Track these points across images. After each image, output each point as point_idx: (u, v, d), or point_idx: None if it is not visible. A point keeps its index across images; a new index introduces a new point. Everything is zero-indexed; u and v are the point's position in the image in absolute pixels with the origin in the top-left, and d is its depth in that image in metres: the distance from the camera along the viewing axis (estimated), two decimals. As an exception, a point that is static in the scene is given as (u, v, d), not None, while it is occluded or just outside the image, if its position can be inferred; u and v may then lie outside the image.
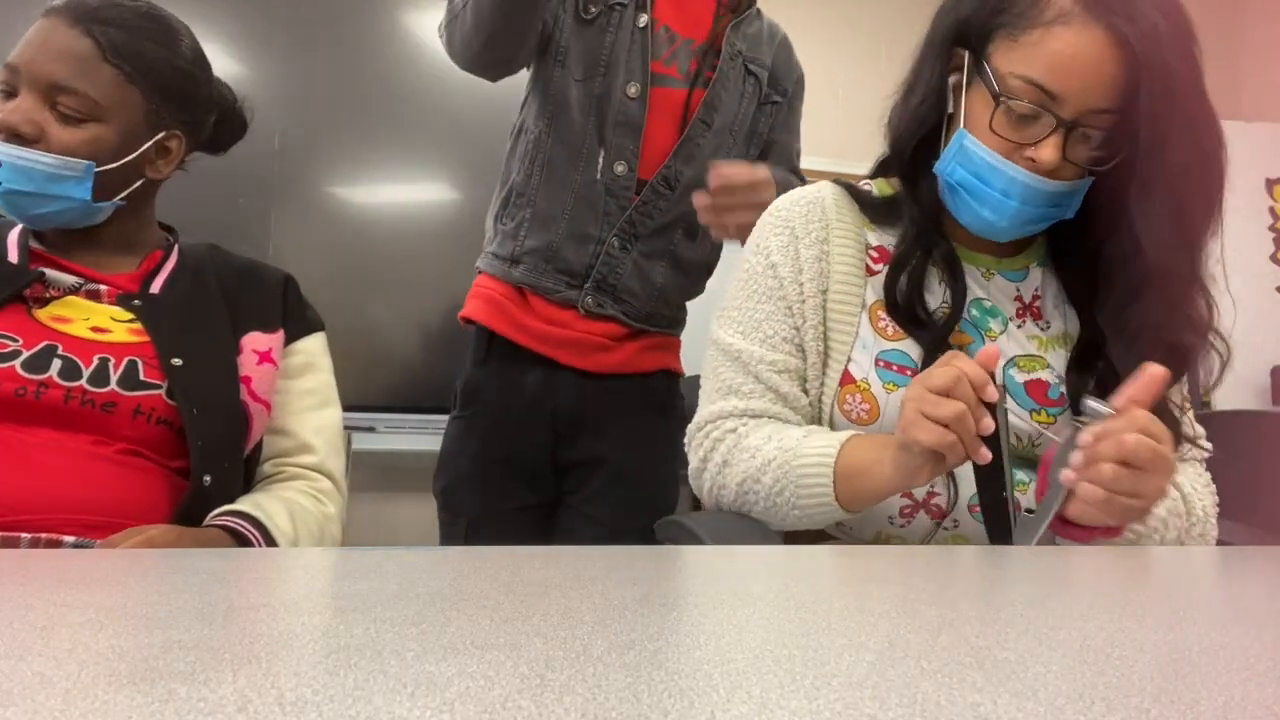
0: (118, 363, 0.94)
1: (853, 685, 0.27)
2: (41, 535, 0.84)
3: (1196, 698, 0.26)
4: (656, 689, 0.26)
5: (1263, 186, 3.71)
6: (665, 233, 1.46)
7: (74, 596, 0.39)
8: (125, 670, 0.27)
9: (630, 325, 1.47)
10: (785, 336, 1.02)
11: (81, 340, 0.94)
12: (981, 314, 1.02)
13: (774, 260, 1.04)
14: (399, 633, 0.33)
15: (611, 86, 1.40)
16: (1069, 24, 0.87)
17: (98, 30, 0.98)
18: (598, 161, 1.41)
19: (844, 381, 0.99)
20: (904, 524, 0.97)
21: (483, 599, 0.40)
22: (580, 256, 1.42)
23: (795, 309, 1.03)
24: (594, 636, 0.33)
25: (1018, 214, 0.94)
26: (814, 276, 1.03)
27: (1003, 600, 0.46)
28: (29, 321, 0.94)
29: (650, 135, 1.41)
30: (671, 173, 1.42)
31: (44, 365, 0.90)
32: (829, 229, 1.04)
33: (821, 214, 1.05)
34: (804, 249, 1.04)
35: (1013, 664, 0.30)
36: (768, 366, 1.02)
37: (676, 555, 0.63)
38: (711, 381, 1.06)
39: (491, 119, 2.52)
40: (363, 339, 2.41)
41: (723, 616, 0.37)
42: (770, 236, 1.06)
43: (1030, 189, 0.93)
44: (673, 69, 1.43)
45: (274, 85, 2.44)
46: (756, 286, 1.05)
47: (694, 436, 1.05)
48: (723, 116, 1.46)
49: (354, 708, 0.23)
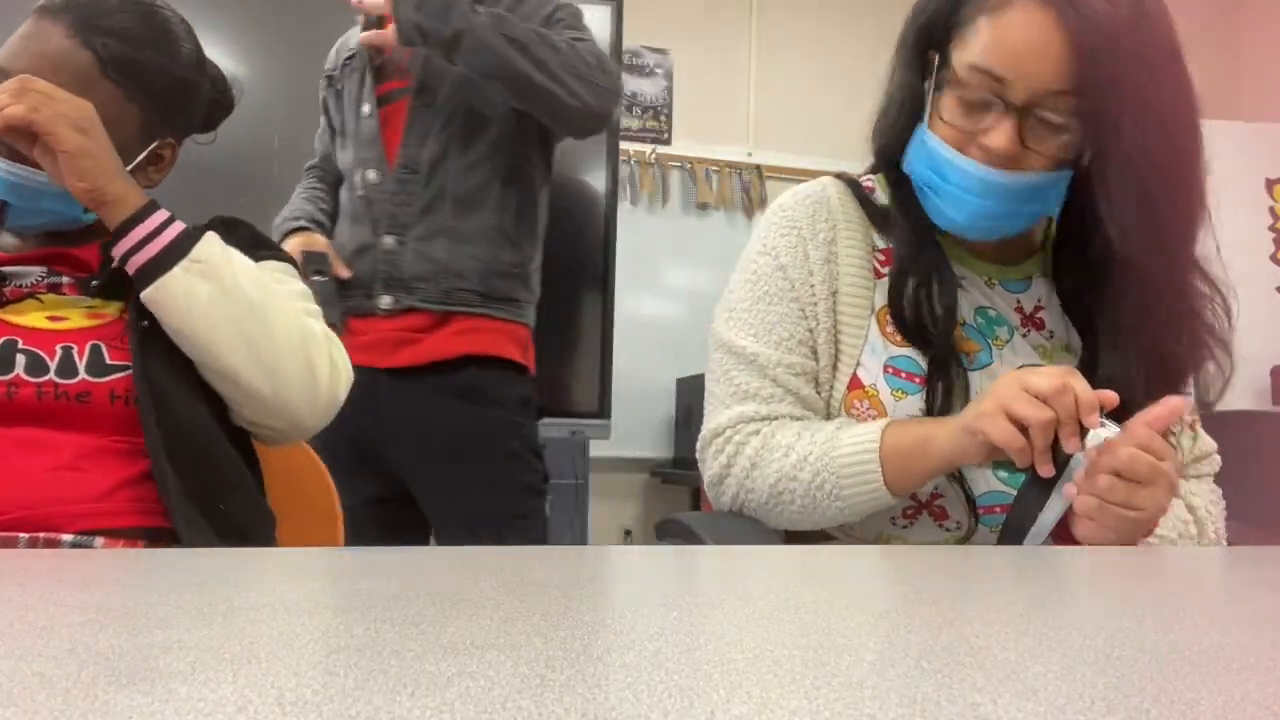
0: (81, 349, 0.91)
1: (853, 685, 0.27)
2: (40, 534, 0.84)
3: (1196, 698, 0.26)
4: (656, 689, 0.26)
5: (1263, 186, 3.71)
6: (432, 212, 1.55)
7: (74, 596, 0.39)
8: (125, 670, 0.27)
9: (433, 309, 1.54)
10: (800, 339, 1.00)
11: (41, 331, 0.92)
12: (987, 322, 1.01)
13: (783, 261, 1.02)
14: (399, 633, 0.33)
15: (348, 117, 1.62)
16: (1011, 6, 0.87)
17: (97, 41, 0.94)
18: (355, 179, 1.59)
19: (852, 386, 0.98)
20: (906, 525, 0.96)
21: (483, 599, 0.40)
22: (367, 265, 1.55)
23: (809, 310, 1.01)
24: (594, 636, 0.33)
25: (978, 209, 0.92)
26: (824, 279, 1.01)
27: (1003, 600, 0.46)
28: None
29: (387, 136, 1.57)
30: (406, 157, 1.54)
31: (8, 363, 0.89)
32: (836, 229, 1.03)
33: (828, 214, 1.03)
34: (812, 250, 1.01)
35: (1013, 664, 0.30)
36: (785, 369, 0.99)
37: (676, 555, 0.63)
38: (724, 386, 1.03)
39: (491, 119, 2.53)
40: (363, 339, 2.41)
41: (723, 616, 0.37)
42: (777, 237, 1.04)
43: (987, 182, 0.90)
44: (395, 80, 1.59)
45: (274, 85, 2.44)
46: (767, 288, 1.02)
47: (710, 444, 1.02)
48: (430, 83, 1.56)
49: (354, 708, 0.23)
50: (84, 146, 0.86)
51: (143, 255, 0.89)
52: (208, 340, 0.90)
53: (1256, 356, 3.29)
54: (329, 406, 0.98)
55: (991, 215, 0.93)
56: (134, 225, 0.89)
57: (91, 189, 0.87)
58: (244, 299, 0.91)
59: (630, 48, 4.13)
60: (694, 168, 4.25)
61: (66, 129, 0.85)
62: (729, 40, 4.39)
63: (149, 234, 0.89)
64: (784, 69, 4.45)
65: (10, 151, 0.93)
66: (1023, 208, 0.94)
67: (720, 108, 4.34)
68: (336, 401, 0.98)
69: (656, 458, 4.11)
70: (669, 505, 4.04)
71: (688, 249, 4.23)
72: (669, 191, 4.23)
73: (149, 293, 0.89)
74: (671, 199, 4.24)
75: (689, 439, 4.37)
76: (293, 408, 0.95)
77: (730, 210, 4.30)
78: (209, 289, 0.89)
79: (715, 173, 4.28)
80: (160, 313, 0.90)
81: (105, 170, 0.88)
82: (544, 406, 1.91)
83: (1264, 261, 3.65)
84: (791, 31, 4.45)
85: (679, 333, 4.18)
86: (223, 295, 0.90)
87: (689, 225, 4.25)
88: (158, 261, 0.89)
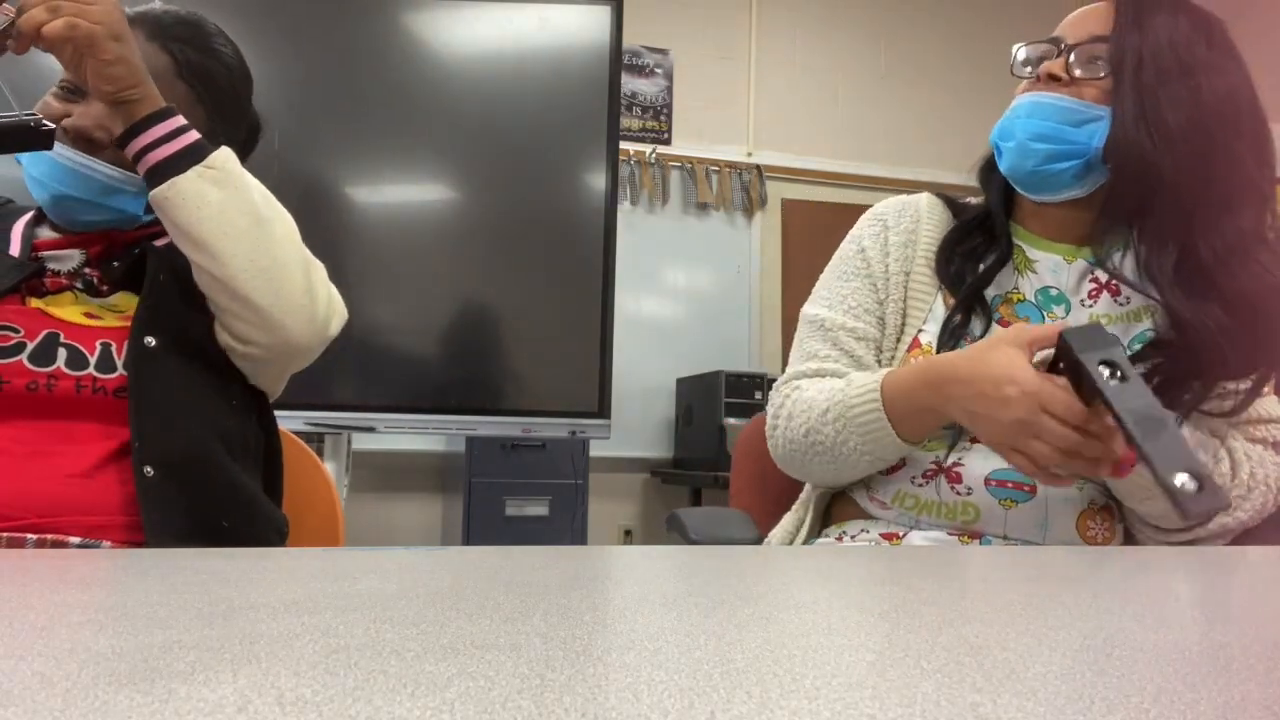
0: (119, 346, 0.93)
1: (853, 685, 0.27)
2: (47, 536, 0.84)
3: (1196, 698, 0.26)
4: (656, 689, 0.26)
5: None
6: None
7: (74, 596, 0.39)
8: (125, 670, 0.27)
9: None
10: (868, 308, 1.11)
11: (80, 326, 0.93)
12: (1046, 300, 1.07)
13: (864, 245, 1.14)
14: (399, 633, 0.33)
15: None
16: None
17: (175, 47, 0.99)
18: None
19: (912, 347, 1.06)
20: (923, 483, 1.02)
21: (483, 599, 0.40)
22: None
23: (880, 284, 1.11)
24: (594, 636, 0.33)
25: (1024, 128, 1.02)
26: (899, 259, 1.12)
27: (1003, 600, 0.46)
28: (25, 310, 0.93)
29: None
30: None
31: (49, 356, 0.90)
32: (919, 224, 1.14)
33: (914, 213, 1.15)
34: (893, 236, 1.13)
35: (1013, 664, 0.30)
36: (847, 333, 1.10)
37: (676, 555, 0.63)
38: (795, 351, 1.14)
39: (492, 119, 2.53)
40: (362, 339, 2.41)
41: (722, 616, 0.37)
42: (864, 229, 1.16)
43: (1031, 103, 1.03)
44: None
45: (274, 85, 2.44)
46: (846, 268, 1.14)
47: (771, 400, 1.13)
48: None
49: (354, 708, 0.23)
50: (121, 54, 0.87)
51: (158, 154, 0.90)
52: (213, 245, 0.90)
53: (1256, 356, 3.29)
54: (322, 333, 0.97)
55: (1041, 135, 1.01)
56: (154, 123, 0.90)
57: (119, 91, 0.88)
58: (253, 209, 0.92)
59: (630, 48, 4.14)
60: (694, 168, 4.25)
61: (105, 38, 0.86)
62: (729, 40, 4.39)
63: (168, 134, 0.90)
64: (784, 69, 4.44)
65: (81, 143, 0.95)
66: (1062, 128, 1.01)
67: (720, 108, 4.34)
68: (329, 332, 0.98)
69: (656, 458, 4.11)
70: (669, 505, 4.04)
71: (688, 249, 4.24)
72: (669, 191, 4.23)
73: (159, 190, 0.89)
74: (671, 199, 4.24)
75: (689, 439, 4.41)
76: (288, 324, 0.94)
77: (730, 210, 4.30)
78: (220, 195, 0.90)
79: (715, 173, 4.28)
80: (169, 212, 0.90)
81: (135, 72, 0.89)
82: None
83: (1264, 261, 3.65)
84: (791, 32, 4.45)
85: (679, 333, 4.18)
86: (233, 202, 0.91)
87: (689, 225, 4.25)
88: (172, 161, 0.90)
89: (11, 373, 0.88)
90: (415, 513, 3.89)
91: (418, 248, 2.54)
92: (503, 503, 3.38)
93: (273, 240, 0.93)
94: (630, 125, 4.14)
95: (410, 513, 3.89)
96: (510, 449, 3.38)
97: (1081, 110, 1.00)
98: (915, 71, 4.50)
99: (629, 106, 4.15)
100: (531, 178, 2.55)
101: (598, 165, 2.55)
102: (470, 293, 2.52)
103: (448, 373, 2.52)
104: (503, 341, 2.56)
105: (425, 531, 3.89)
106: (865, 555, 0.70)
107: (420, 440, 3.74)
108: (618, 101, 2.60)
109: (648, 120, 4.22)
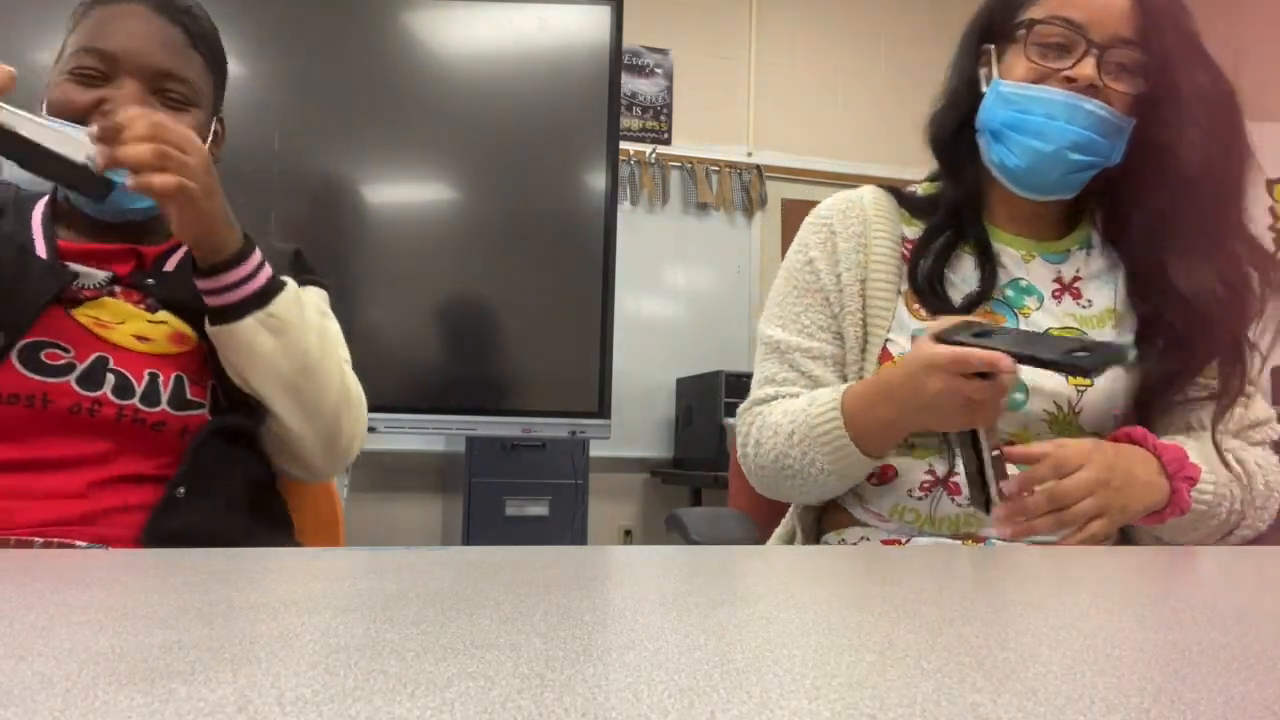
0: (166, 379, 0.92)
1: (853, 685, 0.27)
2: (54, 539, 0.84)
3: (1196, 698, 0.26)
4: (656, 689, 0.26)
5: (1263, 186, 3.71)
6: None
7: (74, 596, 0.39)
8: (125, 670, 0.27)
9: None
10: (822, 325, 1.08)
11: (130, 353, 0.91)
12: (1017, 293, 1.06)
13: (812, 256, 1.10)
14: (399, 633, 0.33)
15: None
16: None
17: (184, 19, 0.99)
18: None
19: (882, 359, 1.04)
20: (922, 496, 1.01)
21: (483, 599, 0.40)
22: None
23: (833, 298, 1.08)
24: (594, 636, 0.33)
25: (1062, 134, 0.97)
26: (851, 267, 1.07)
27: (1003, 600, 0.46)
28: (71, 325, 0.90)
29: None
30: None
31: (97, 381, 0.89)
32: (867, 224, 1.09)
33: (860, 212, 1.10)
34: (841, 243, 1.09)
35: (1013, 664, 0.30)
36: (803, 354, 1.07)
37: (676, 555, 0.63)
38: (755, 375, 1.13)
39: (492, 119, 2.53)
40: (363, 339, 2.41)
41: (723, 616, 0.37)
42: (809, 236, 1.12)
43: (1073, 107, 0.97)
44: None
45: (274, 85, 2.44)
46: (796, 283, 1.11)
47: (737, 428, 1.12)
48: None
49: (354, 708, 0.23)
50: (213, 208, 0.87)
51: (227, 297, 0.90)
52: (260, 389, 0.93)
53: (1256, 356, 3.29)
54: (341, 463, 1.03)
55: (1077, 144, 0.98)
56: (233, 266, 0.89)
57: (199, 237, 0.88)
58: (303, 357, 0.94)
59: (630, 48, 4.14)
60: (694, 168, 4.24)
61: (205, 196, 0.85)
62: (729, 40, 4.39)
63: (242, 278, 0.90)
64: (784, 69, 4.45)
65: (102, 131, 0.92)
66: (1098, 143, 0.98)
67: (720, 108, 4.34)
68: (348, 459, 1.03)
69: (656, 458, 4.11)
70: (669, 505, 4.04)
71: (688, 249, 4.24)
72: (669, 191, 4.23)
73: (216, 330, 0.91)
74: (671, 199, 4.24)
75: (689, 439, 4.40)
76: (317, 464, 1.00)
77: (730, 210, 4.30)
78: (273, 343, 0.91)
79: (715, 173, 4.28)
80: (221, 347, 0.92)
81: (218, 218, 0.88)
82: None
83: (1264, 261, 3.65)
84: (791, 32, 4.45)
85: (679, 333, 4.18)
86: (284, 352, 0.92)
87: (689, 225, 4.25)
88: (235, 308, 0.90)
89: (58, 393, 0.87)
90: (415, 513, 3.89)
91: (418, 248, 2.54)
92: (503, 503, 3.38)
93: (319, 389, 0.95)
94: (630, 125, 4.14)
95: (410, 513, 3.89)
96: (510, 449, 3.37)
97: (1115, 121, 0.99)
98: (915, 71, 4.49)
99: (629, 106, 4.15)
100: (531, 178, 2.55)
101: (598, 165, 2.55)
102: (470, 293, 2.52)
103: (448, 373, 2.52)
104: (503, 341, 2.56)
105: (425, 531, 3.89)
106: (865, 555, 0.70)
107: (420, 440, 3.73)
108: (618, 101, 2.59)
109: (648, 120, 4.22)
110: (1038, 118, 0.98)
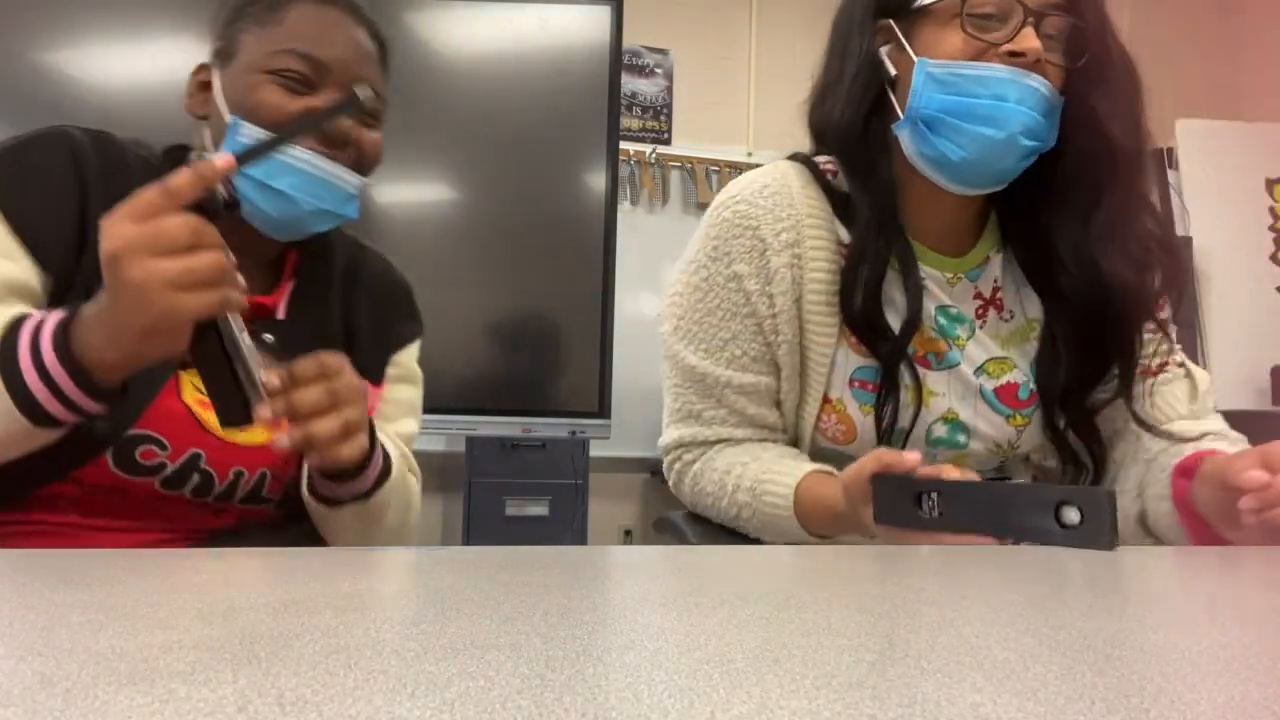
0: (249, 478, 0.88)
1: (853, 685, 0.27)
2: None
3: (1196, 698, 0.26)
4: (656, 689, 0.26)
5: (1263, 186, 3.71)
6: None
7: (74, 596, 0.39)
8: (125, 670, 0.27)
9: None
10: (755, 355, 0.95)
11: (224, 446, 0.86)
12: (949, 321, 0.99)
13: (737, 270, 0.94)
14: (399, 633, 0.33)
15: None
16: None
17: (376, 29, 0.94)
18: None
19: (823, 405, 0.95)
20: None
21: (483, 599, 0.40)
22: None
23: (766, 325, 0.94)
24: (594, 636, 0.33)
25: (1014, 118, 0.85)
26: (786, 288, 0.93)
27: (1003, 600, 0.46)
28: (175, 407, 0.84)
29: None
30: None
31: (182, 482, 0.85)
32: (800, 227, 0.94)
33: (790, 208, 0.94)
34: (774, 257, 0.93)
35: (1013, 664, 0.30)
36: (735, 391, 0.96)
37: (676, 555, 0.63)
38: (672, 401, 1.01)
39: (493, 120, 2.53)
40: (363, 339, 2.42)
41: (723, 616, 0.37)
42: (732, 239, 0.95)
43: (1022, 86, 0.85)
44: None
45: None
46: (719, 301, 0.95)
47: (665, 466, 1.07)
48: None
49: (354, 708, 0.23)
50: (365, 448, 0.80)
51: (338, 492, 0.85)
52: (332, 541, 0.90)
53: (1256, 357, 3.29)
54: None
55: (1027, 128, 0.86)
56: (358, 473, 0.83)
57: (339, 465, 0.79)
58: (380, 535, 0.90)
59: (630, 48, 4.14)
60: (694, 168, 4.24)
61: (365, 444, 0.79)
62: (729, 40, 4.39)
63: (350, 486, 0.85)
64: (784, 69, 4.44)
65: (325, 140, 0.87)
66: (1043, 122, 0.88)
67: (720, 108, 4.34)
68: None
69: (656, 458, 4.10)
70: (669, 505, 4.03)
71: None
72: (669, 191, 4.23)
73: (314, 506, 0.87)
74: (671, 199, 4.24)
75: (689, 439, 4.33)
76: None
77: (730, 210, 4.30)
78: (359, 527, 0.88)
79: (715, 173, 4.28)
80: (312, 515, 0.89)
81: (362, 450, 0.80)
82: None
83: (1264, 261, 3.65)
84: (791, 32, 4.45)
85: (679, 333, 4.17)
86: (364, 533, 0.89)
87: (689, 225, 4.23)
88: (342, 499, 0.86)
89: (139, 488, 0.83)
90: (415, 513, 3.89)
91: (417, 248, 2.54)
92: (503, 503, 3.38)
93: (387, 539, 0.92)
94: (630, 125, 4.14)
95: (410, 513, 3.88)
96: (510, 449, 3.37)
97: (1052, 100, 0.88)
98: (915, 71, 4.49)
99: (629, 106, 4.15)
100: (532, 178, 2.55)
101: (598, 165, 2.55)
102: (470, 292, 2.52)
103: (447, 373, 2.52)
104: (502, 341, 2.56)
105: (425, 531, 3.89)
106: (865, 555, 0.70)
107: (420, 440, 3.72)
108: (618, 101, 2.59)
109: (648, 120, 4.22)
110: (985, 100, 0.85)
